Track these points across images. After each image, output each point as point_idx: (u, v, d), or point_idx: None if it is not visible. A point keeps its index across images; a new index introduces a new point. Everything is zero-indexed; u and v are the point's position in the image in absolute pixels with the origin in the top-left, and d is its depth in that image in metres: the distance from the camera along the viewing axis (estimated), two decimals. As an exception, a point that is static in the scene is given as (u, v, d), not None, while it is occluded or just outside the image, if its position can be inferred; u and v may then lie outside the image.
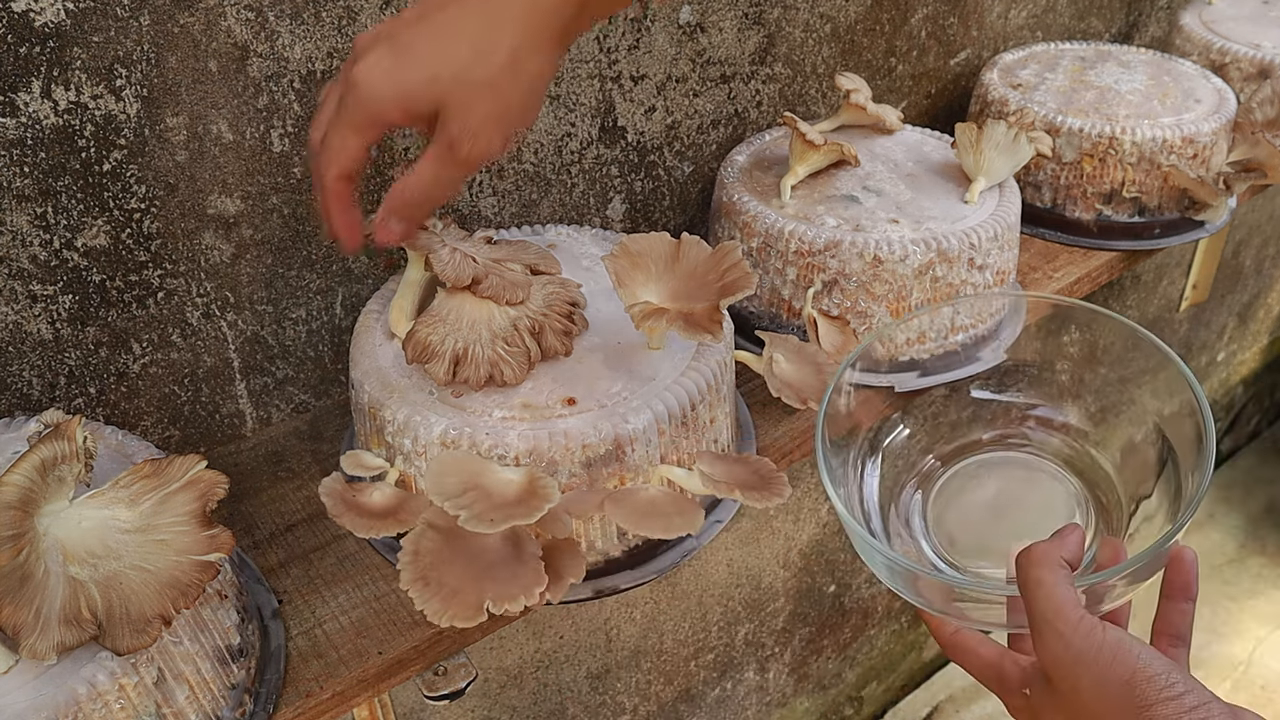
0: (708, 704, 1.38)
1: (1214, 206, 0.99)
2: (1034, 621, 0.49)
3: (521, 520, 0.52)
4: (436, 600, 0.52)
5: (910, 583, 0.55)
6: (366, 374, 0.62)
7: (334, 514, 0.57)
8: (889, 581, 0.55)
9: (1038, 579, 0.49)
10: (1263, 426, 2.31)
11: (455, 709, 1.04)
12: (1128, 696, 0.45)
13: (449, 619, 0.52)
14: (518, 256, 0.65)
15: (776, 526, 1.29)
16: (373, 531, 0.57)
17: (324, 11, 0.66)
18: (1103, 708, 0.46)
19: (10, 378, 0.64)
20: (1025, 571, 0.50)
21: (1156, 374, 0.59)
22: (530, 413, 0.59)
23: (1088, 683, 0.46)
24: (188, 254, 0.68)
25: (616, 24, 0.80)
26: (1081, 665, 0.47)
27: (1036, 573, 0.49)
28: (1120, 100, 0.99)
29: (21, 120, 0.58)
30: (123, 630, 0.46)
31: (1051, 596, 0.48)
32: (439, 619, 0.52)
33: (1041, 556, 0.50)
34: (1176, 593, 0.54)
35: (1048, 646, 0.48)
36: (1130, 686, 0.45)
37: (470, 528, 0.52)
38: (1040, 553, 0.50)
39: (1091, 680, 0.46)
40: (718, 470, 0.61)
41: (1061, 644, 0.47)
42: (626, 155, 0.87)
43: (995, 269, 0.80)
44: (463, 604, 0.52)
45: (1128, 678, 0.45)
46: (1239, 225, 1.81)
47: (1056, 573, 0.49)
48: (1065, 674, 0.47)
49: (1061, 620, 0.48)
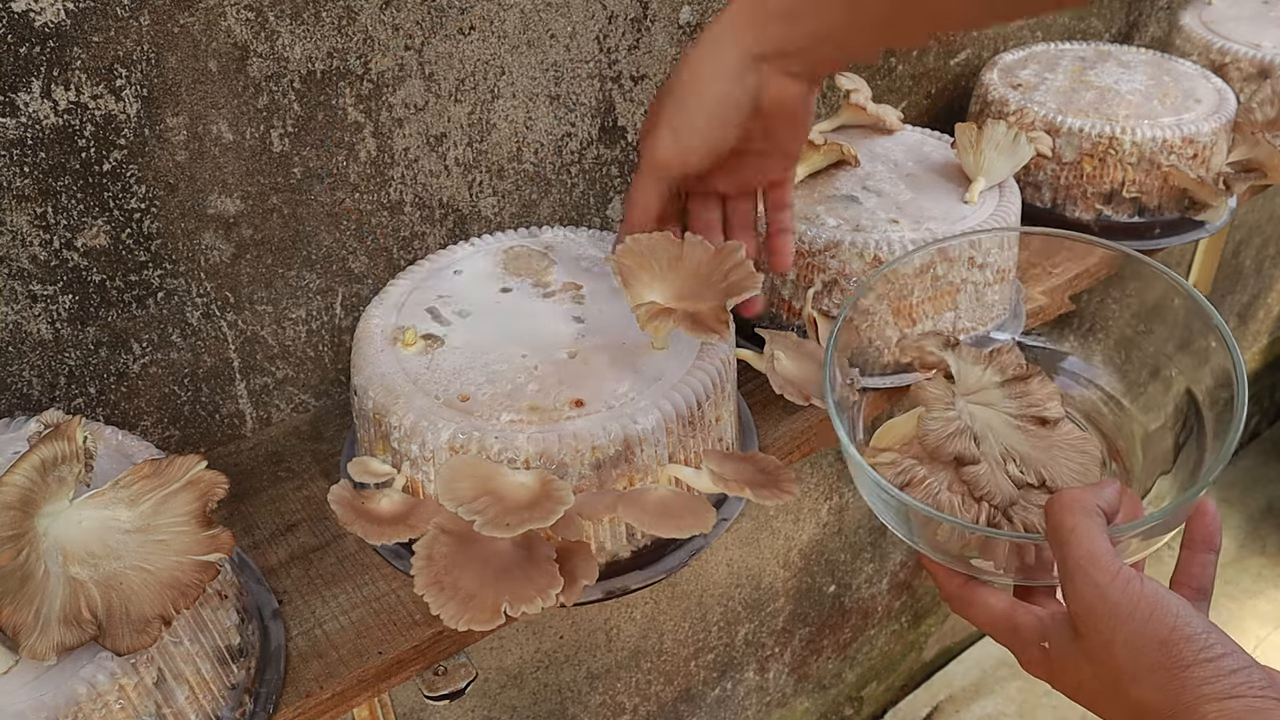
0: (708, 704, 1.38)
1: (1214, 206, 0.99)
2: (1066, 569, 0.46)
3: (538, 524, 0.52)
4: (453, 604, 0.52)
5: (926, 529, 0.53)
6: (370, 380, 0.62)
7: (344, 521, 0.57)
8: (899, 528, 0.54)
9: (1071, 525, 0.47)
10: (1263, 426, 2.31)
11: (455, 709, 1.04)
12: (1164, 654, 0.43)
13: (466, 622, 0.52)
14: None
15: (776, 527, 1.29)
16: (384, 538, 0.56)
17: (324, 11, 0.66)
18: (1136, 665, 0.44)
19: (10, 378, 0.64)
20: (1058, 517, 0.47)
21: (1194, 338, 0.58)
22: (538, 415, 0.59)
23: (1123, 637, 0.44)
24: (188, 254, 0.68)
25: (616, 24, 0.80)
26: (1117, 618, 0.44)
27: (1071, 519, 0.47)
28: (1120, 100, 0.99)
29: (21, 120, 0.58)
30: (123, 630, 0.46)
31: (1085, 543, 0.46)
32: (456, 623, 0.52)
33: (1075, 502, 0.47)
34: (1198, 544, 0.51)
35: (1081, 596, 0.45)
36: (1167, 645, 0.43)
37: (486, 533, 0.52)
38: (1075, 498, 0.48)
39: (1127, 634, 0.44)
40: (726, 469, 0.61)
41: (1097, 594, 0.45)
42: (626, 155, 0.87)
43: (995, 268, 0.80)
44: (480, 607, 0.52)
45: (1165, 635, 0.43)
46: (1239, 225, 1.81)
47: (1092, 519, 0.47)
48: (1098, 626, 0.45)
49: (1098, 569, 0.45)
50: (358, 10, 0.67)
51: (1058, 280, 0.93)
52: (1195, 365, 0.58)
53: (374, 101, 0.71)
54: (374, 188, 0.74)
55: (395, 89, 0.71)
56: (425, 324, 0.66)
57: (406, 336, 0.64)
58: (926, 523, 0.54)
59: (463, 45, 0.73)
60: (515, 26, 0.75)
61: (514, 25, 0.75)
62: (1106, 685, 0.45)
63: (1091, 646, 0.46)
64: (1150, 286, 0.60)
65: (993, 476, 0.57)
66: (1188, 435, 0.58)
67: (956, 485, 0.57)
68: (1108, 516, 0.48)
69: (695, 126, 0.61)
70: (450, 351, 0.64)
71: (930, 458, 0.58)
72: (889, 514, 0.55)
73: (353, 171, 0.72)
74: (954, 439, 0.58)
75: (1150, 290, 0.60)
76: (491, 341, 0.65)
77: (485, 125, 0.77)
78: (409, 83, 0.72)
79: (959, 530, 0.54)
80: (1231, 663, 0.42)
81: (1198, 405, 0.58)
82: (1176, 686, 0.42)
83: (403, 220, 0.76)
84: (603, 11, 0.79)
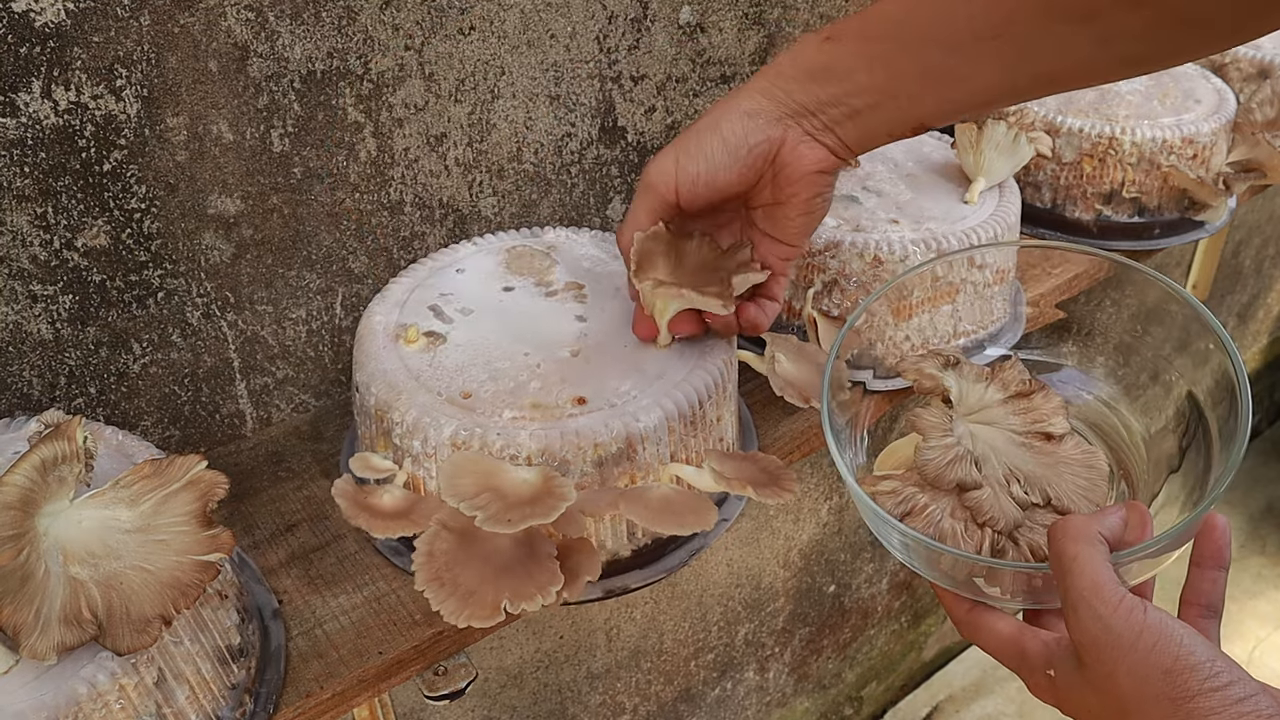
0: (708, 704, 1.38)
1: (1214, 207, 0.99)
2: (1069, 599, 0.46)
3: (540, 520, 0.52)
4: (454, 600, 0.52)
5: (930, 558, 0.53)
6: (372, 376, 0.62)
7: (348, 515, 0.57)
8: (904, 557, 0.54)
9: (1074, 554, 0.46)
10: (1263, 426, 2.31)
11: (455, 709, 1.04)
12: (1169, 686, 0.42)
13: (466, 619, 0.52)
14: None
15: (776, 526, 1.29)
16: (389, 531, 0.57)
17: (324, 11, 0.66)
18: (1140, 696, 0.43)
19: (10, 378, 0.64)
20: (1060, 546, 0.47)
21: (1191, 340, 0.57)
22: (540, 412, 0.59)
23: (1126, 668, 0.44)
24: (188, 254, 0.68)
25: (616, 24, 0.80)
26: (1120, 650, 0.44)
27: (1073, 548, 0.46)
28: (1120, 100, 0.99)
29: (21, 120, 0.58)
30: (123, 630, 0.46)
31: (1088, 573, 0.45)
32: (456, 619, 0.52)
33: (1079, 531, 0.47)
34: (1207, 560, 0.50)
35: (1084, 627, 0.45)
36: (1171, 675, 0.42)
37: (488, 529, 0.52)
38: (1077, 527, 0.47)
39: (1130, 666, 0.43)
40: (728, 467, 0.61)
41: (1100, 625, 0.44)
42: (626, 155, 0.87)
43: (995, 268, 0.80)
44: (480, 603, 0.52)
45: (1169, 665, 0.42)
46: (1239, 225, 1.81)
47: (1095, 548, 0.46)
48: (1102, 657, 0.44)
49: (1100, 600, 0.45)
50: (358, 10, 0.67)
51: (1057, 280, 0.93)
52: (1194, 367, 0.58)
53: (374, 101, 0.71)
54: (374, 188, 0.74)
55: (395, 89, 0.71)
56: (428, 321, 0.66)
57: (409, 333, 0.65)
58: (929, 553, 0.53)
59: (463, 45, 0.73)
60: (515, 26, 0.75)
61: (514, 25, 0.75)
62: (1112, 715, 0.45)
63: (1096, 677, 0.45)
64: (1147, 290, 0.60)
65: (996, 501, 0.56)
66: (1191, 438, 0.57)
67: (959, 511, 0.56)
68: (1111, 544, 0.48)
69: (703, 153, 0.59)
70: (452, 349, 0.64)
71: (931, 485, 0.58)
72: (892, 543, 0.54)
73: (353, 171, 0.72)
74: (953, 466, 0.57)
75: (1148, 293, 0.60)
76: (494, 339, 0.65)
77: (485, 125, 0.77)
78: (409, 83, 0.72)
79: (963, 560, 0.54)
80: (1239, 691, 0.41)
81: (1200, 408, 0.57)
82: (1182, 718, 0.42)
83: (403, 220, 0.76)
84: (603, 11, 0.79)
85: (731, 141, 0.59)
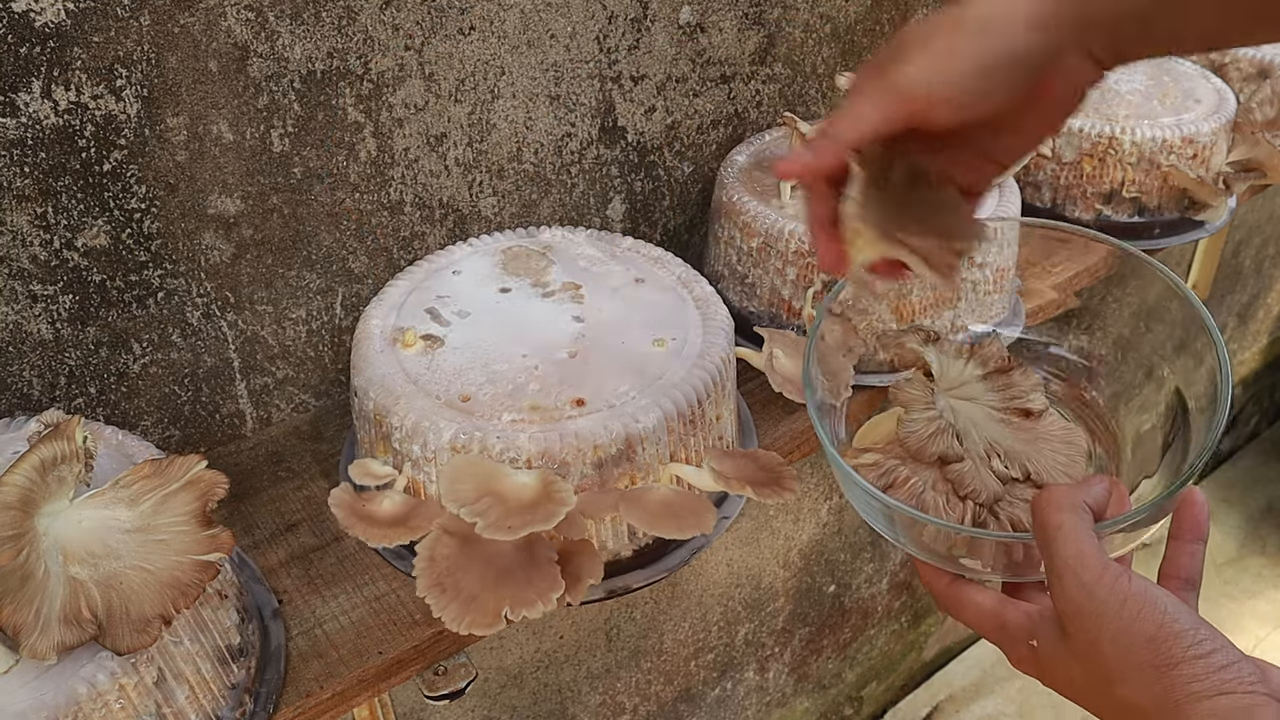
0: (708, 704, 1.38)
1: (1214, 206, 0.99)
2: (1053, 568, 0.46)
3: (540, 526, 0.52)
4: (455, 606, 0.52)
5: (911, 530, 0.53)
6: (371, 380, 0.62)
7: (345, 526, 0.57)
8: (885, 530, 0.54)
9: (1058, 523, 0.46)
10: (1263, 426, 2.31)
11: (455, 709, 1.04)
12: (1152, 653, 0.42)
13: (467, 626, 0.52)
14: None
15: (776, 526, 1.29)
16: (386, 540, 0.56)
17: (324, 11, 0.66)
18: (1124, 664, 0.43)
19: (10, 378, 0.64)
20: (1044, 515, 0.47)
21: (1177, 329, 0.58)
22: (540, 414, 0.59)
23: (1109, 636, 0.43)
24: (188, 254, 0.68)
25: (616, 24, 0.80)
26: (1104, 617, 0.44)
27: (1058, 517, 0.46)
28: (1120, 100, 0.99)
29: (22, 120, 0.58)
30: (123, 630, 0.46)
31: (1072, 541, 0.45)
32: (457, 626, 0.52)
33: (1063, 500, 0.47)
34: (1186, 533, 0.50)
35: (1068, 595, 0.45)
36: (1155, 642, 0.42)
37: (488, 536, 0.52)
38: (1061, 496, 0.47)
39: (1114, 633, 0.43)
40: (727, 467, 0.61)
41: (1084, 593, 0.44)
42: (626, 155, 0.87)
43: (995, 267, 0.80)
44: (481, 610, 0.52)
45: (1153, 633, 0.42)
46: (1239, 225, 1.81)
47: (1079, 516, 0.46)
48: (1085, 625, 0.44)
49: (1084, 567, 0.44)
50: (358, 10, 0.67)
51: (1057, 279, 0.93)
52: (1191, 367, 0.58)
53: (374, 101, 0.71)
54: (374, 188, 0.74)
55: (395, 89, 0.71)
56: (425, 324, 0.66)
57: (406, 337, 0.64)
58: (911, 524, 0.53)
59: (463, 45, 0.73)
60: (515, 26, 0.75)
61: (514, 25, 0.75)
62: (1095, 684, 0.45)
63: (1079, 645, 0.45)
64: (1149, 286, 0.60)
65: (977, 474, 0.56)
66: (1175, 435, 0.58)
67: (940, 484, 0.56)
68: (1095, 513, 0.48)
69: (964, 69, 0.46)
70: (450, 352, 0.64)
71: (913, 458, 0.58)
72: (874, 516, 0.54)
73: (353, 171, 0.72)
74: (935, 439, 0.58)
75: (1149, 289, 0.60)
76: (491, 342, 0.65)
77: (485, 125, 0.77)
78: (409, 83, 0.72)
79: (945, 531, 0.54)
80: (1221, 658, 0.41)
81: (1185, 405, 0.57)
82: (1165, 685, 0.42)
83: (403, 220, 0.76)
84: (603, 11, 0.79)
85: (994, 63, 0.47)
